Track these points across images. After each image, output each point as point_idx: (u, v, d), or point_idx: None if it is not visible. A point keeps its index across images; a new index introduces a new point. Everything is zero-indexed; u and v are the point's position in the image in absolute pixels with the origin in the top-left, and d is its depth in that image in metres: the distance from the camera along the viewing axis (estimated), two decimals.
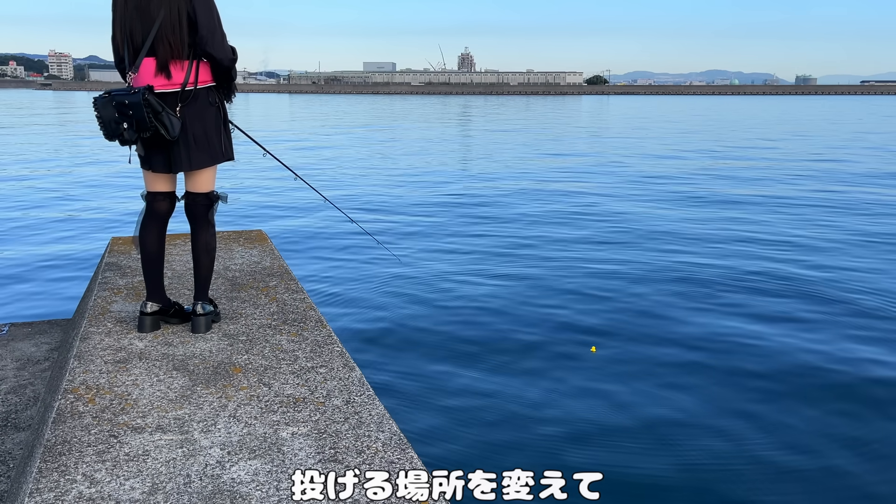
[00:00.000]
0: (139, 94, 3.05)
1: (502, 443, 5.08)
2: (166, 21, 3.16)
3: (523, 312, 7.95)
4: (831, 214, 14.31)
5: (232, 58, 3.34)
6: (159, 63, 3.19)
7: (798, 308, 8.07)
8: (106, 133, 3.16)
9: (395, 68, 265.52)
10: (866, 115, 69.04)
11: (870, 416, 5.51)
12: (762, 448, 5.02)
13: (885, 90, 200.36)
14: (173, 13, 3.17)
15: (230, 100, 3.50)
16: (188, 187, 3.44)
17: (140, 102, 3.04)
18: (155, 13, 3.16)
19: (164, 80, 3.20)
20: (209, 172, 3.43)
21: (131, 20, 3.20)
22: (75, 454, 2.31)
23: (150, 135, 3.14)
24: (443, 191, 17.73)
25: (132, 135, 3.12)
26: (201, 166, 3.35)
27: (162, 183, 3.44)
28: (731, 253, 10.81)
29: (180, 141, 3.25)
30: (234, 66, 3.38)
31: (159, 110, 3.10)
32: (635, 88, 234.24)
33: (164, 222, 3.48)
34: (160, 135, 3.16)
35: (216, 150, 3.38)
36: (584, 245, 11.47)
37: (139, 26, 3.19)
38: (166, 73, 3.19)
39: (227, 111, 3.48)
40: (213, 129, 3.35)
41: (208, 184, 3.45)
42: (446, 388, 6.01)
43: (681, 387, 6.00)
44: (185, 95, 3.23)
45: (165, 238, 3.53)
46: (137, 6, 3.18)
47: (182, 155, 3.28)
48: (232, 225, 12.52)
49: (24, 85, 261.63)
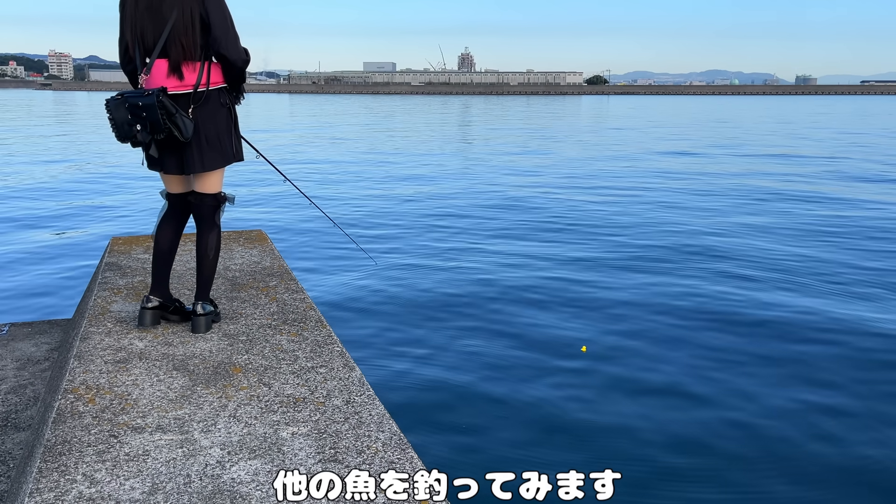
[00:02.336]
0: (153, 95, 3.03)
1: (502, 443, 5.09)
2: (179, 22, 3.14)
3: (524, 311, 7.96)
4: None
5: (245, 59, 3.33)
6: (171, 64, 3.17)
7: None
8: (118, 135, 3.14)
9: (395, 68, 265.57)
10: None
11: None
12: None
13: (885, 90, 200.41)
14: (186, 14, 3.15)
15: (239, 101, 3.49)
16: (196, 188, 3.43)
17: (154, 104, 3.03)
18: (167, 14, 3.14)
19: (177, 82, 3.18)
20: (218, 173, 3.43)
21: (142, 21, 3.17)
22: (75, 454, 2.31)
23: (164, 136, 3.13)
24: (443, 190, 17.74)
25: (146, 136, 3.10)
26: (214, 167, 3.35)
27: (178, 184, 3.45)
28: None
29: (193, 142, 3.24)
30: (247, 67, 3.37)
31: (173, 112, 3.08)
32: (635, 88, 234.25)
33: (181, 222, 3.50)
34: (173, 136, 3.14)
35: (227, 151, 3.37)
36: (585, 244, 11.48)
37: (150, 27, 3.17)
38: (178, 75, 3.18)
39: (237, 113, 3.47)
40: (225, 130, 3.35)
41: (216, 185, 3.45)
42: (447, 387, 6.01)
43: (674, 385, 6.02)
44: (198, 97, 3.22)
45: (180, 237, 3.54)
46: (149, 7, 3.16)
47: (195, 156, 3.27)
48: (232, 225, 12.52)
49: (24, 85, 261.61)
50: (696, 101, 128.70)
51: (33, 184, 18.88)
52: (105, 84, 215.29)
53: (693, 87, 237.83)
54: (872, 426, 5.32)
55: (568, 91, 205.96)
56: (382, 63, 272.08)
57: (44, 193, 17.27)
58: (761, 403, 5.69)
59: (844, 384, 6.05)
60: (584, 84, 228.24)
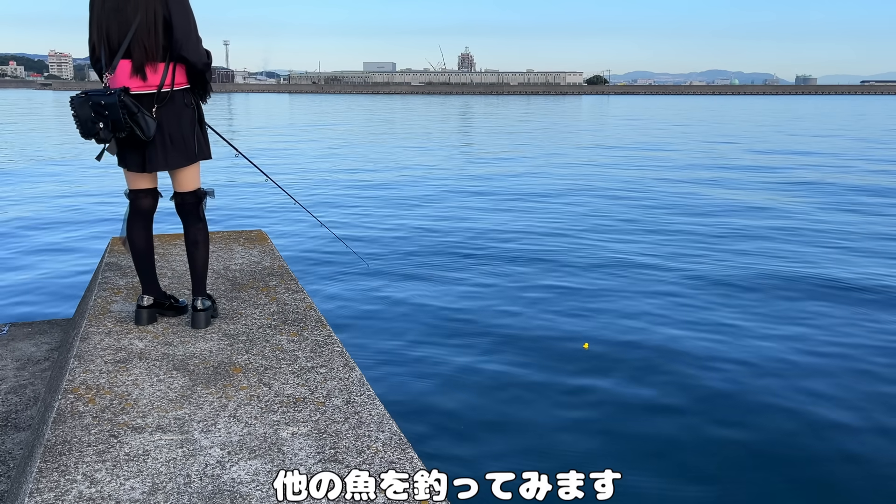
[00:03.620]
0: (115, 95, 3.09)
1: (503, 442, 5.09)
2: (142, 24, 3.20)
3: (526, 312, 7.96)
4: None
5: (206, 61, 3.37)
6: (135, 65, 3.23)
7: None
8: (82, 132, 3.20)
9: (395, 68, 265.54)
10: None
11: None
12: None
13: (885, 90, 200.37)
14: (149, 16, 3.20)
15: (205, 100, 3.54)
16: (175, 188, 3.52)
17: (116, 104, 3.08)
18: (131, 16, 3.19)
19: (140, 82, 3.24)
20: (192, 171, 3.50)
21: (108, 21, 3.23)
22: (75, 454, 2.31)
23: (126, 135, 3.19)
24: (442, 192, 17.74)
25: (108, 134, 3.17)
26: (177, 166, 3.41)
27: (143, 181, 3.50)
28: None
29: (156, 141, 3.31)
30: (209, 69, 3.41)
31: (135, 111, 3.14)
32: (635, 88, 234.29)
33: (148, 218, 3.56)
34: (136, 135, 3.20)
35: (191, 150, 3.43)
36: (585, 243, 11.48)
37: (115, 28, 3.23)
38: (142, 75, 3.24)
39: (202, 112, 3.53)
40: (189, 129, 3.40)
41: (194, 182, 3.51)
42: (447, 387, 6.01)
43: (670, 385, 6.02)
44: (161, 97, 3.28)
45: (153, 233, 3.59)
46: (114, 8, 3.21)
47: (158, 155, 3.34)
48: (232, 225, 12.54)
49: (24, 85, 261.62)
50: (697, 101, 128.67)
51: (33, 183, 18.88)
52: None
53: (693, 87, 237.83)
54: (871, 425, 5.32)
55: (568, 91, 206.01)
56: (382, 63, 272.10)
57: (44, 193, 17.27)
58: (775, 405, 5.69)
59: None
60: (584, 84, 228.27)
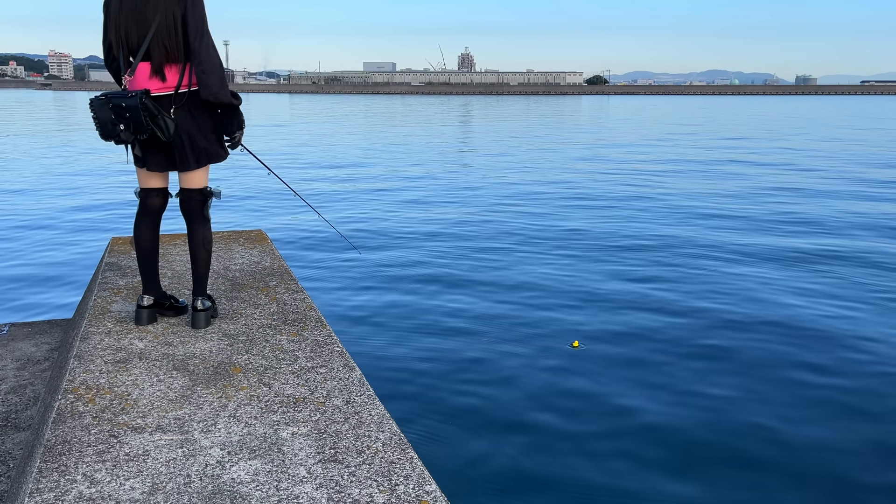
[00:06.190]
0: (136, 97, 3.10)
1: (503, 442, 5.09)
2: (162, 26, 3.21)
3: (524, 311, 7.96)
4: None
5: (233, 102, 3.32)
6: (154, 67, 3.23)
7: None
8: (102, 133, 3.21)
9: (395, 68, 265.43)
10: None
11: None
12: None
13: (885, 90, 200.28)
14: (169, 18, 3.21)
15: (242, 128, 3.48)
16: (182, 185, 3.51)
17: (137, 106, 3.09)
18: (150, 18, 3.20)
19: (160, 84, 3.25)
20: (202, 170, 3.50)
21: (126, 23, 3.24)
22: (75, 454, 2.31)
23: (147, 136, 3.21)
24: (443, 189, 17.74)
25: (129, 136, 3.18)
26: (200, 165, 3.42)
27: (155, 180, 3.51)
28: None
29: (178, 141, 3.31)
30: (213, 77, 3.23)
31: (156, 113, 3.16)
32: (635, 88, 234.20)
33: (157, 218, 3.57)
34: (156, 136, 3.22)
35: (212, 149, 3.44)
36: (585, 244, 11.48)
37: (135, 30, 3.23)
38: (161, 77, 3.25)
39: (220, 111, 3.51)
40: (209, 129, 3.41)
41: (202, 180, 3.52)
42: (447, 387, 6.01)
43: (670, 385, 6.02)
44: (179, 98, 3.28)
45: (159, 233, 3.60)
46: (133, 9, 3.21)
47: (184, 154, 3.35)
48: (232, 225, 12.53)
49: (24, 85, 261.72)
50: (697, 101, 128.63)
51: (33, 183, 18.87)
52: (105, 84, 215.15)
53: (693, 87, 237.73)
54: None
55: (568, 91, 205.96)
56: (382, 63, 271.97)
57: (44, 193, 17.27)
58: (765, 403, 5.69)
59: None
60: (585, 84, 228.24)
